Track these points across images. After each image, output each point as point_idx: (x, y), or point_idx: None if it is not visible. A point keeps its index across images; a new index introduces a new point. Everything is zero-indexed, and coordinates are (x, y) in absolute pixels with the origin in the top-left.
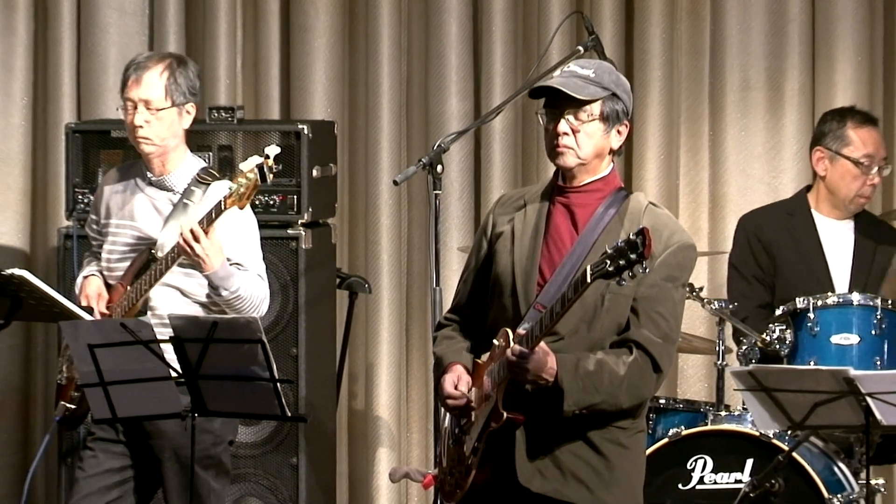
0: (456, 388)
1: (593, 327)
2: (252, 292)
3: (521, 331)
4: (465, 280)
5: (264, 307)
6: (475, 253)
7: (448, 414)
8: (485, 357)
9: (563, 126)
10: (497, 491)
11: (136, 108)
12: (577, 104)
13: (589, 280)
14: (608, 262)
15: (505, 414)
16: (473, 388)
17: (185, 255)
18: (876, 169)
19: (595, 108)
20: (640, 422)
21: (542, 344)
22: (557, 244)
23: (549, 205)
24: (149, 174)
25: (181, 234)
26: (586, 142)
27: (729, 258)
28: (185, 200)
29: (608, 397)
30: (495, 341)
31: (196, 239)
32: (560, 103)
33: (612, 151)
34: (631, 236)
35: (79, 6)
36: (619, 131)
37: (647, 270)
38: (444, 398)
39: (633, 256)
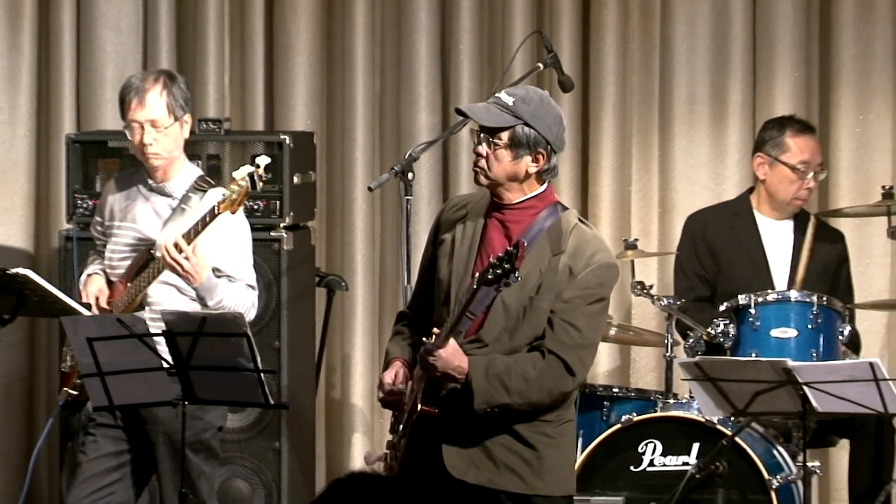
0: (393, 383)
1: (514, 337)
2: (238, 302)
3: (435, 330)
4: (419, 279)
5: (252, 314)
6: (425, 254)
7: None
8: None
9: (481, 148)
10: (430, 482)
11: (142, 128)
12: (490, 130)
13: (475, 286)
14: (490, 270)
15: (420, 406)
16: (410, 383)
17: (171, 270)
18: (812, 174)
19: (504, 135)
20: (566, 413)
21: (453, 343)
22: (489, 253)
23: (486, 219)
24: (150, 181)
25: (166, 250)
26: (495, 165)
27: (675, 251)
28: (182, 206)
29: (518, 397)
30: (424, 339)
31: (180, 251)
32: (483, 129)
33: (531, 175)
34: (509, 248)
35: (78, 26)
36: (534, 157)
37: (519, 279)
38: (381, 398)
39: (507, 266)
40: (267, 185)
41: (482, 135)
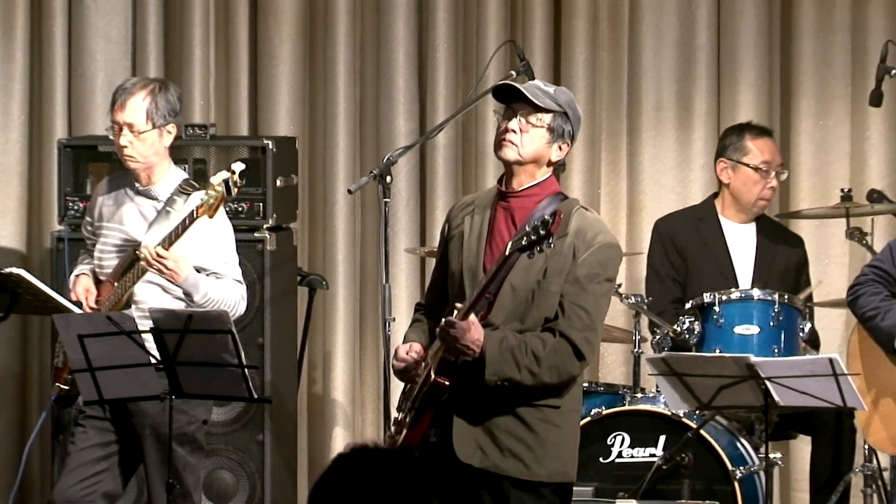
0: (407, 353)
1: (524, 320)
2: (226, 296)
3: (458, 305)
4: (434, 274)
5: (241, 307)
6: (438, 251)
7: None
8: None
9: (513, 123)
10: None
11: (121, 130)
12: (531, 109)
13: (507, 252)
14: (524, 238)
15: (433, 376)
16: (423, 362)
17: (155, 273)
18: (773, 174)
19: (546, 117)
20: (571, 403)
21: (473, 318)
22: (498, 243)
23: (493, 210)
24: (137, 185)
25: (147, 254)
26: (529, 143)
27: (647, 258)
28: (167, 208)
29: (527, 372)
30: (441, 323)
31: (160, 257)
32: (518, 106)
33: (550, 163)
34: (546, 216)
35: (70, 36)
36: (560, 147)
37: (553, 246)
38: (394, 366)
39: (542, 233)
40: (250, 188)
41: (519, 113)
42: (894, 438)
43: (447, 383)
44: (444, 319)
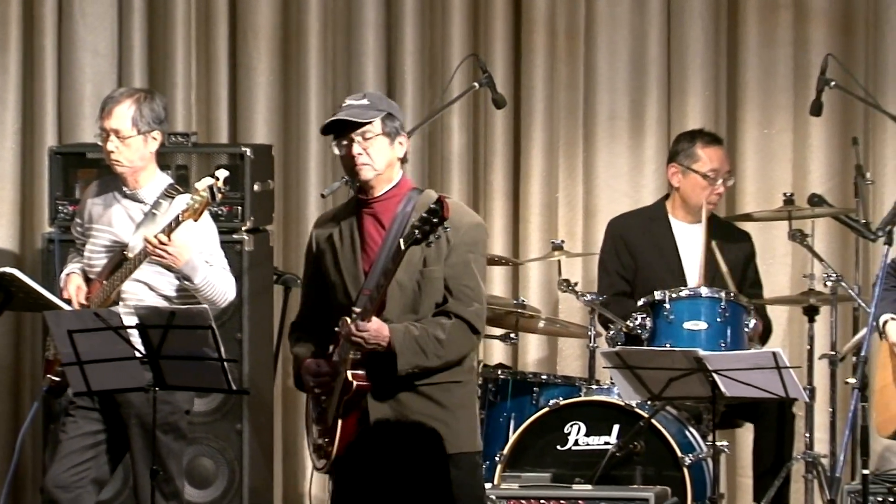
0: (315, 377)
1: (417, 310)
2: (219, 282)
3: (356, 309)
4: (304, 295)
5: (232, 294)
6: (306, 272)
7: (310, 400)
8: (331, 347)
9: (356, 148)
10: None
11: (108, 136)
12: (360, 128)
13: (403, 248)
14: (416, 231)
15: (354, 383)
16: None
17: (156, 258)
18: (721, 181)
19: (376, 127)
20: (470, 375)
21: (375, 318)
22: (371, 245)
23: (358, 218)
24: (124, 188)
25: (149, 243)
26: (378, 156)
27: (599, 253)
28: (153, 211)
29: (435, 357)
30: (337, 329)
31: (162, 243)
32: (346, 132)
33: (400, 160)
34: (431, 205)
35: (59, 50)
36: (400, 143)
37: (449, 230)
38: (313, 385)
39: (435, 221)
40: (230, 193)
41: (354, 136)
42: (884, 423)
43: (369, 385)
44: (349, 324)
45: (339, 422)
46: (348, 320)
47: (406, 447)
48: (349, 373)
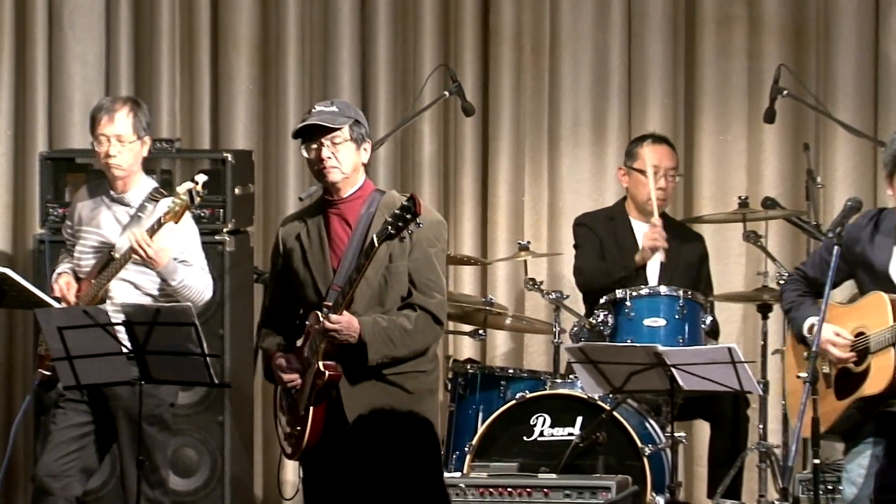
0: (287, 369)
1: (383, 303)
2: (196, 282)
3: (328, 303)
4: (271, 293)
5: (208, 293)
6: (272, 270)
7: (280, 391)
8: (299, 341)
9: (325, 152)
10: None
11: (108, 141)
12: (329, 132)
13: (377, 244)
14: (390, 227)
15: (326, 373)
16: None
17: (138, 257)
18: (661, 176)
19: (345, 132)
20: (434, 364)
21: (346, 312)
22: (338, 243)
23: (325, 217)
24: (112, 192)
25: (134, 241)
26: (345, 159)
27: (575, 240)
28: (138, 214)
29: (403, 347)
30: (307, 322)
31: (146, 244)
32: (315, 136)
33: (364, 165)
34: (404, 202)
35: (50, 59)
36: (365, 148)
37: (421, 226)
38: (284, 382)
39: (408, 217)
40: (212, 196)
41: (324, 140)
42: (804, 426)
43: (340, 373)
44: (325, 319)
45: (311, 410)
46: (319, 315)
47: (375, 434)
48: (320, 363)
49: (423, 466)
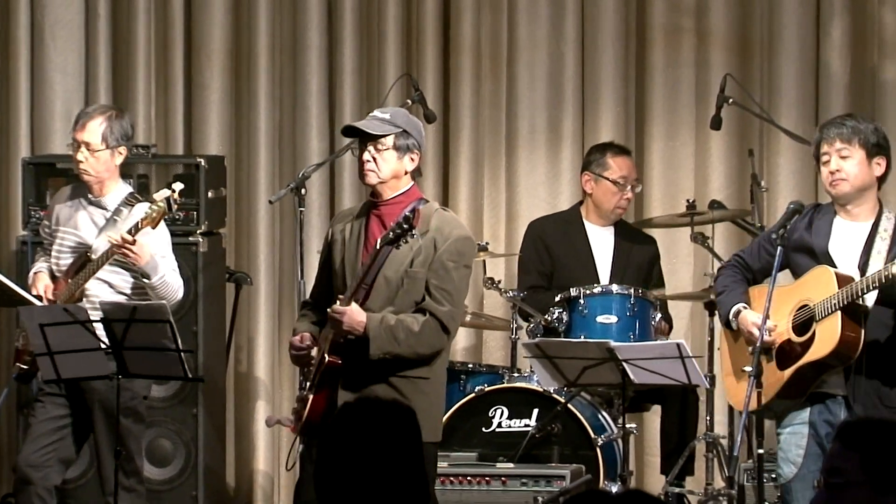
0: (301, 341)
1: (396, 304)
2: (172, 280)
3: (340, 296)
4: (318, 275)
5: (181, 293)
6: (322, 256)
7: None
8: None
9: (367, 154)
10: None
11: (79, 147)
12: (375, 138)
13: (378, 247)
14: (390, 233)
15: (327, 358)
16: (315, 348)
17: (122, 254)
18: (629, 187)
19: (389, 140)
20: (438, 374)
21: (354, 304)
22: (372, 243)
23: (367, 217)
24: (90, 195)
25: (118, 239)
26: (384, 165)
27: (519, 251)
28: (114, 217)
29: (406, 346)
30: (329, 311)
31: (129, 242)
32: (365, 138)
33: (408, 172)
34: (406, 213)
35: (32, 70)
36: (411, 158)
37: (416, 237)
38: (292, 355)
39: (406, 227)
40: (186, 199)
41: (369, 143)
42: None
43: (340, 362)
44: (329, 309)
45: (312, 394)
46: (337, 303)
47: (369, 430)
48: (325, 352)
49: (402, 450)
